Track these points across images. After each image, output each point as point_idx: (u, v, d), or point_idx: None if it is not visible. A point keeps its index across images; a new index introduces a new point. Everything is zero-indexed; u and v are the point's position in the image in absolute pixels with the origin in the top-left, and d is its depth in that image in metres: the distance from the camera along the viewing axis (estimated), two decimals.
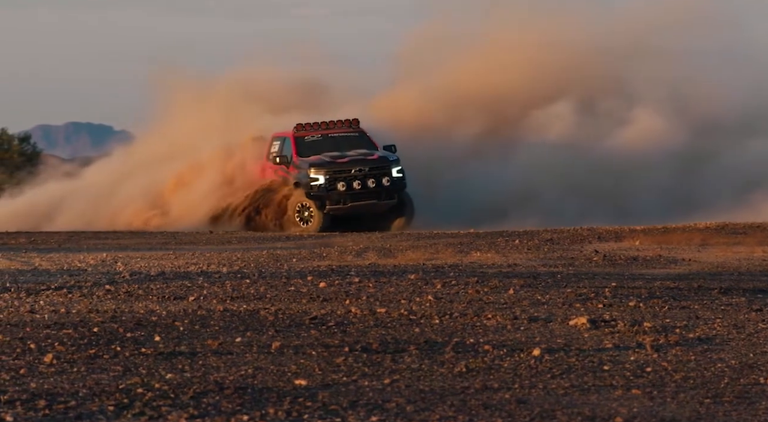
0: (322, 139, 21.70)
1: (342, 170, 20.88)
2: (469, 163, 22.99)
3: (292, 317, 9.43)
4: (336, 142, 21.81)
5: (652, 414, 6.40)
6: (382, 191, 20.98)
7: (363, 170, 20.92)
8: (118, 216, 23.88)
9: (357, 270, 13.00)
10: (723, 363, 7.68)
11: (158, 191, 24.27)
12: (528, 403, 6.61)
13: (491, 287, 11.18)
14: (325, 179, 20.73)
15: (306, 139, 21.63)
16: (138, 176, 24.54)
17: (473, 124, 23.88)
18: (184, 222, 22.88)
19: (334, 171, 20.84)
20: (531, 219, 20.66)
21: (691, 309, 9.82)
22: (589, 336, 8.54)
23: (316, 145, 21.57)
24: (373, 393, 6.83)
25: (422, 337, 8.50)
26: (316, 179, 20.78)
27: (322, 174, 20.79)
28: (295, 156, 21.33)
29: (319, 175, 20.79)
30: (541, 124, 24.03)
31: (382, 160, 21.10)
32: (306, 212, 20.98)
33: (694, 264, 13.44)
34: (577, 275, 12.30)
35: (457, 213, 21.36)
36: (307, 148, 21.45)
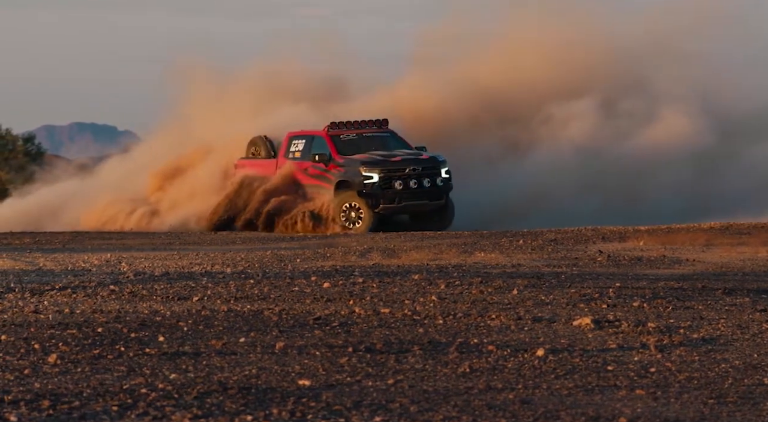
0: (357, 138, 21.25)
1: (396, 169, 20.48)
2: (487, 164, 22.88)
3: (296, 317, 9.43)
4: (371, 141, 21.47)
5: (656, 414, 6.39)
6: (434, 191, 20.76)
7: (417, 169, 20.56)
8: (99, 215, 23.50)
9: (361, 270, 13.00)
10: (727, 363, 7.67)
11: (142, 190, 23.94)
12: (532, 403, 6.61)
13: (495, 287, 11.17)
14: (379, 178, 20.27)
15: (342, 137, 21.18)
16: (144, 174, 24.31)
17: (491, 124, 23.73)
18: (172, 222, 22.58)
19: (388, 169, 20.41)
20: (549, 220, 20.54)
21: (695, 310, 9.81)
22: (593, 337, 8.53)
23: (352, 144, 21.09)
24: (376, 393, 6.83)
25: (426, 337, 8.50)
26: (370, 178, 20.30)
27: (376, 172, 20.32)
28: (336, 154, 20.84)
29: (373, 174, 20.30)
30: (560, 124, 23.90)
31: (433, 161, 20.90)
32: (353, 212, 20.47)
33: (698, 265, 13.43)
34: (581, 275, 12.30)
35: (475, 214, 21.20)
36: (344, 147, 21.00)
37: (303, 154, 21.36)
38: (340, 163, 20.78)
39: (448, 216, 21.16)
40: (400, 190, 20.45)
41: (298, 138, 21.64)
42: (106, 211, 23.75)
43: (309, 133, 21.61)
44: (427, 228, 20.73)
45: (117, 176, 25.24)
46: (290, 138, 21.81)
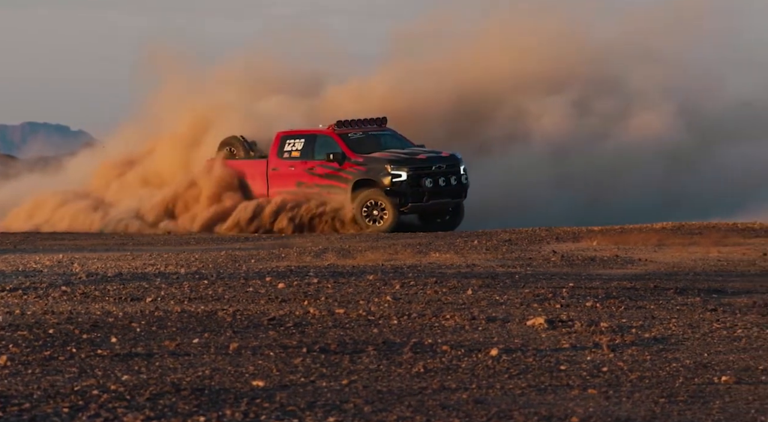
0: (365, 137, 20.94)
1: (424, 167, 20.30)
2: None
3: (250, 318, 9.40)
4: (377, 139, 21.19)
5: (608, 413, 6.44)
6: (457, 189, 20.65)
7: (442, 167, 20.40)
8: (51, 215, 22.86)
9: (316, 271, 12.98)
10: (678, 362, 7.74)
11: (96, 191, 23.32)
12: (485, 403, 6.63)
13: (450, 287, 11.21)
14: (407, 176, 20.01)
15: (350, 136, 20.88)
16: None
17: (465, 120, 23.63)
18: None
19: (416, 167, 20.20)
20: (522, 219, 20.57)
21: (647, 310, 9.90)
22: (546, 337, 8.59)
23: (360, 143, 20.77)
24: (331, 393, 6.82)
25: (380, 338, 8.50)
26: (398, 176, 20.02)
27: (404, 170, 20.05)
28: (350, 153, 20.56)
29: (401, 172, 20.02)
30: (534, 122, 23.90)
31: (453, 158, 20.76)
32: (376, 210, 20.15)
33: (651, 265, 13.55)
34: (535, 275, 12.36)
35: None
36: (354, 146, 20.69)
37: (304, 154, 20.87)
38: (360, 161, 20.45)
39: (460, 215, 21.09)
40: (429, 188, 20.28)
41: (295, 137, 21.14)
42: (37, 207, 23.09)
43: (310, 131, 21.18)
44: (437, 227, 20.58)
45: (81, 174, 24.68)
46: (283, 137, 21.27)
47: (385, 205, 20.08)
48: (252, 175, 21.36)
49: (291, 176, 20.98)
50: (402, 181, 20.08)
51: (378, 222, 20.16)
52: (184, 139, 22.89)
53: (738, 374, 7.37)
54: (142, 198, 22.42)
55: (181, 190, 22.03)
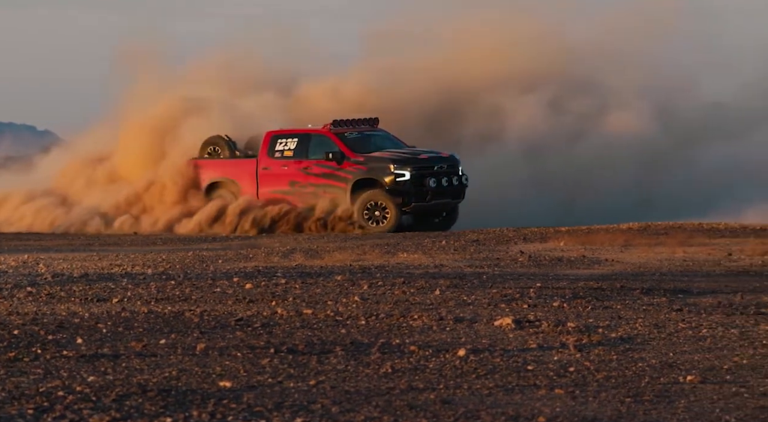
0: (361, 137, 20.82)
1: (426, 167, 20.21)
2: None
3: (218, 318, 9.37)
4: (372, 139, 20.94)
5: (575, 413, 6.47)
6: (457, 189, 20.52)
7: (443, 167, 20.37)
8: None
9: (283, 271, 12.96)
10: (644, 362, 7.79)
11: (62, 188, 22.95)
12: (453, 403, 6.65)
13: (417, 288, 11.22)
14: (411, 175, 19.89)
15: (347, 135, 20.70)
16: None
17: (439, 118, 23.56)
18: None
19: (420, 167, 20.10)
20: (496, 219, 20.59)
21: (613, 310, 9.95)
22: (513, 337, 8.62)
23: (357, 143, 20.63)
24: (298, 394, 6.81)
25: (348, 338, 8.50)
26: (402, 175, 19.88)
27: (408, 170, 19.93)
28: (349, 152, 20.36)
29: (404, 171, 19.89)
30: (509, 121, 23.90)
31: (453, 158, 20.68)
32: (377, 211, 20.00)
33: (617, 265, 13.62)
34: (503, 276, 12.40)
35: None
36: (351, 145, 20.53)
37: (298, 153, 20.67)
38: (360, 161, 20.30)
39: (455, 215, 21.05)
40: (433, 188, 20.18)
41: (287, 137, 20.88)
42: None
43: (303, 131, 20.98)
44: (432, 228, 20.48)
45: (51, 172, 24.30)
46: (273, 137, 20.98)
47: (387, 204, 19.95)
48: (240, 175, 21.06)
49: (284, 176, 20.73)
50: (405, 180, 19.96)
51: (380, 223, 20.03)
52: (152, 135, 22.56)
53: (703, 373, 7.43)
54: (104, 196, 22.10)
55: (143, 190, 21.76)
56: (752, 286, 11.35)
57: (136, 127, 22.73)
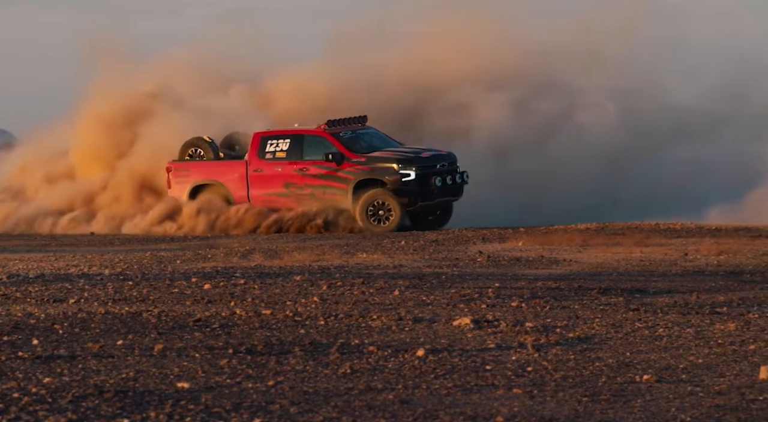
0: (355, 136, 20.58)
1: (430, 165, 20.10)
2: None
3: (176, 319, 9.32)
4: (365, 138, 20.73)
5: (532, 413, 6.51)
6: (457, 187, 20.45)
7: (444, 165, 20.29)
8: None
9: (242, 271, 12.92)
10: (601, 362, 7.85)
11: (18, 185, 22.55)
12: (411, 403, 6.66)
13: (377, 288, 11.23)
14: (416, 174, 19.77)
15: (342, 135, 20.44)
16: None
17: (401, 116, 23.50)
18: None
19: (424, 166, 19.99)
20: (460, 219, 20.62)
21: (571, 309, 10.01)
22: (472, 337, 8.65)
23: (352, 142, 20.39)
24: (256, 395, 6.80)
25: (307, 339, 8.49)
26: (407, 175, 19.75)
27: (413, 169, 19.80)
28: (349, 152, 20.09)
29: (410, 171, 19.75)
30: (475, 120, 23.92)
31: (452, 156, 20.61)
32: (382, 210, 19.80)
33: (575, 265, 13.71)
34: (462, 276, 12.44)
35: None
36: (348, 145, 20.28)
37: (291, 154, 20.35)
38: (362, 161, 20.08)
39: (449, 213, 21.03)
40: (438, 187, 20.06)
41: (278, 137, 20.53)
42: None
43: (296, 131, 20.65)
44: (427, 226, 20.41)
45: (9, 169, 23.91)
46: (262, 138, 20.61)
47: (392, 204, 19.82)
48: (229, 178, 20.69)
49: (277, 177, 20.42)
50: (411, 180, 19.82)
51: (383, 223, 19.93)
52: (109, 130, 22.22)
53: (659, 373, 7.50)
54: (58, 193, 21.75)
55: (98, 188, 21.44)
56: (708, 286, 11.47)
57: (91, 123, 22.42)
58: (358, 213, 19.85)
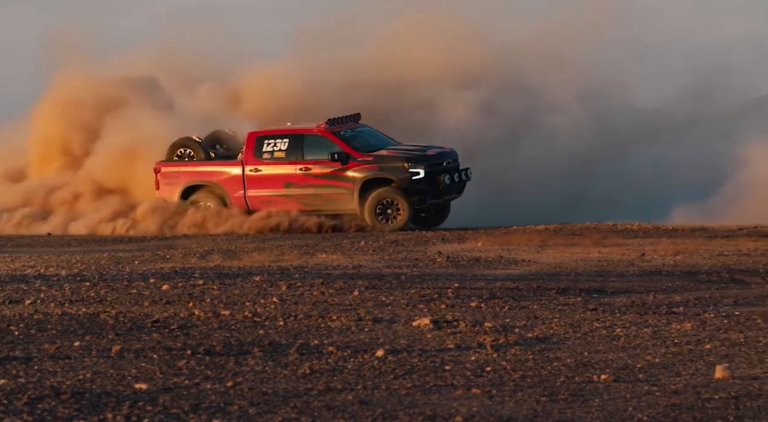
0: (354, 134, 20.37)
1: (437, 163, 19.99)
2: None
3: (134, 320, 9.26)
4: (363, 137, 20.53)
5: (491, 412, 6.53)
6: (461, 184, 20.35)
7: (450, 162, 20.18)
8: None
9: (201, 272, 12.86)
10: (559, 361, 7.89)
11: None
12: (371, 404, 6.66)
13: (336, 289, 11.22)
14: (425, 172, 19.66)
15: (343, 134, 20.20)
16: None
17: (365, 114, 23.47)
18: None
19: (431, 164, 19.88)
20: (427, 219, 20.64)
21: (529, 309, 10.06)
22: (431, 337, 8.66)
23: (353, 141, 20.16)
24: (215, 396, 6.77)
25: (266, 339, 8.47)
26: (417, 173, 19.62)
27: (422, 167, 19.68)
28: (353, 152, 19.89)
29: (419, 169, 19.63)
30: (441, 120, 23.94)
31: (454, 154, 20.50)
32: (390, 209, 19.64)
33: (534, 265, 13.78)
34: (421, 276, 12.47)
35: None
36: (351, 144, 20.06)
37: (291, 154, 20.07)
38: (369, 160, 19.89)
39: (447, 211, 21.01)
40: (447, 184, 19.92)
41: (275, 137, 20.22)
42: None
43: (295, 131, 20.34)
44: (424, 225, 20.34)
45: None
46: (258, 137, 20.26)
47: (400, 203, 19.70)
48: (224, 178, 20.35)
49: (277, 177, 20.14)
50: (420, 178, 19.71)
51: (391, 222, 19.72)
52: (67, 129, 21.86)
53: (616, 372, 7.55)
54: (11, 192, 21.41)
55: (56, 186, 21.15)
56: (664, 286, 11.57)
57: (49, 119, 22.08)
58: (367, 211, 19.69)
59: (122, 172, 21.23)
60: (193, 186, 20.39)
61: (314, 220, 19.91)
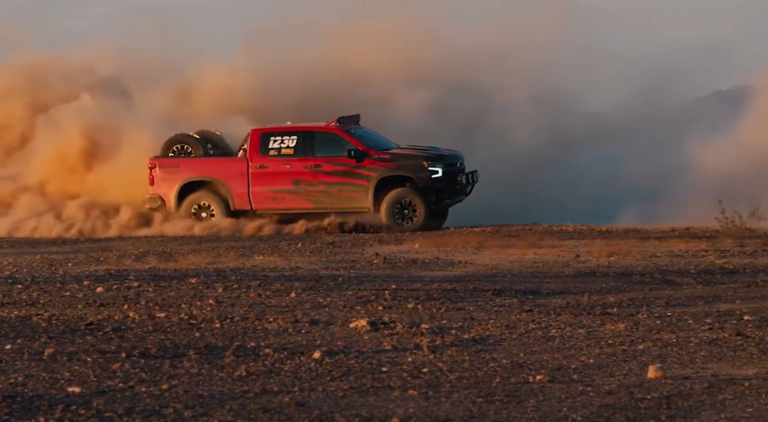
0: (363, 133, 20.24)
1: (453, 163, 19.98)
2: None
3: (67, 323, 9.15)
4: (369, 136, 20.38)
5: (427, 414, 6.56)
6: (469, 185, 20.29)
7: (461, 164, 20.15)
8: None
9: (136, 274, 12.74)
10: (495, 362, 7.95)
11: None
12: (307, 406, 6.65)
13: (273, 290, 11.18)
14: (443, 172, 19.60)
15: (353, 132, 20.07)
16: None
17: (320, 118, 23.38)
18: None
19: (448, 164, 19.84)
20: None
21: (466, 311, 10.11)
22: (368, 338, 8.67)
23: (362, 139, 19.99)
24: (150, 399, 6.71)
25: (202, 341, 8.41)
26: (436, 172, 19.52)
27: (441, 167, 19.61)
28: (369, 149, 19.69)
29: (438, 168, 19.54)
30: (389, 120, 23.91)
31: (462, 156, 20.45)
32: (407, 209, 19.46)
33: (470, 266, 13.86)
34: (359, 278, 12.47)
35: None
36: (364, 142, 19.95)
37: (300, 151, 19.79)
38: (386, 158, 19.74)
39: (446, 213, 20.94)
40: (464, 184, 19.91)
41: (282, 134, 19.93)
42: None
43: (304, 128, 20.11)
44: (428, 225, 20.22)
45: None
46: (263, 134, 19.95)
47: (417, 202, 19.55)
48: (228, 174, 19.92)
49: (286, 174, 19.75)
50: (439, 177, 19.61)
51: (407, 222, 19.49)
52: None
53: (551, 373, 7.62)
54: None
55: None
56: (599, 287, 11.70)
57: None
58: (384, 211, 19.49)
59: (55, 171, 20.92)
60: (192, 182, 19.91)
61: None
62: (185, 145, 20.32)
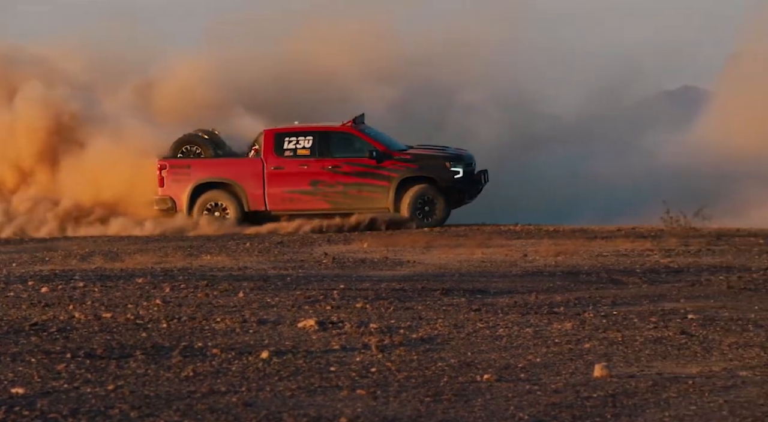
0: (377, 133, 20.33)
1: (470, 163, 20.21)
2: None
3: (11, 323, 9.03)
4: (381, 136, 20.42)
5: (376, 413, 6.57)
6: (483, 186, 20.51)
7: (474, 164, 20.35)
8: None
9: (82, 274, 12.61)
10: (444, 362, 7.97)
11: None
12: (255, 406, 6.63)
13: (221, 290, 11.13)
14: (463, 172, 19.83)
15: (368, 132, 20.14)
16: None
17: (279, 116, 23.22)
18: None
19: (467, 164, 20.08)
20: None
21: (414, 310, 10.14)
22: (317, 338, 8.66)
23: (377, 139, 20.06)
24: (95, 399, 6.65)
25: (149, 342, 8.35)
26: (457, 172, 19.73)
27: (461, 166, 19.84)
28: (389, 150, 19.75)
29: (458, 168, 19.76)
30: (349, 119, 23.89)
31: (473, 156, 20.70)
32: (428, 206, 19.59)
33: (419, 266, 13.89)
34: (307, 277, 12.45)
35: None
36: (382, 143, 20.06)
37: (317, 151, 19.70)
38: (407, 158, 19.82)
39: None
40: (483, 185, 20.10)
41: (297, 134, 19.84)
42: None
43: (320, 128, 20.02)
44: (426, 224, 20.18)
45: None
46: (277, 134, 19.86)
47: (438, 201, 19.67)
48: (242, 175, 19.74)
49: (303, 175, 19.64)
50: (461, 177, 19.78)
51: (427, 219, 19.48)
52: None
53: (499, 372, 7.66)
54: None
55: None
56: (546, 286, 11.78)
57: None
58: (407, 207, 19.55)
59: None
60: (205, 183, 19.68)
61: None
62: (194, 146, 19.99)
